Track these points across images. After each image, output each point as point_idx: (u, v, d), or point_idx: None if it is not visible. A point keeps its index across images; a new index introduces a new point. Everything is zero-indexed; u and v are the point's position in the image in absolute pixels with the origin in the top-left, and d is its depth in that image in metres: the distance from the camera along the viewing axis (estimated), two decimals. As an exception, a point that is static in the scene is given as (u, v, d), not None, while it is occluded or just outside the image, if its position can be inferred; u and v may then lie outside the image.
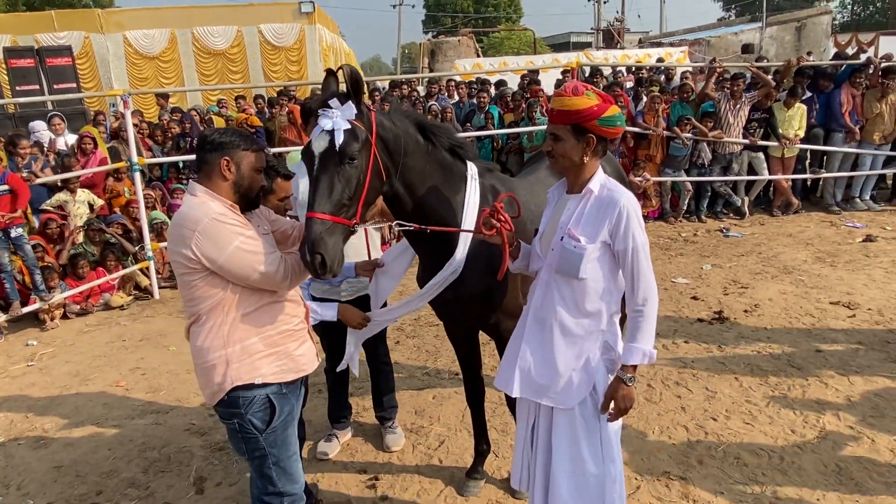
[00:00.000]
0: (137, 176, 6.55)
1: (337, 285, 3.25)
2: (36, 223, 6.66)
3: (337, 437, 3.75)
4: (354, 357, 2.97)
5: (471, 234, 2.57)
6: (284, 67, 16.50)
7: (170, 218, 7.28)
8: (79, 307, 6.33)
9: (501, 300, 2.79)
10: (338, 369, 3.04)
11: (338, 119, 2.14)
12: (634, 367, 2.16)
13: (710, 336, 4.96)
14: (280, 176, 2.81)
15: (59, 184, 6.74)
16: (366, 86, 2.22)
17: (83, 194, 6.98)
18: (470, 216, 2.59)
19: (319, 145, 2.16)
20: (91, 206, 6.95)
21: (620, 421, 2.31)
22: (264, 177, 2.66)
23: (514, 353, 2.35)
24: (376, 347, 3.62)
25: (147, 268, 6.72)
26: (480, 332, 3.16)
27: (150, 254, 6.61)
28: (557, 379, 2.23)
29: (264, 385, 2.24)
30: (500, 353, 3.02)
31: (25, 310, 5.87)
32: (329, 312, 2.83)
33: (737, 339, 4.88)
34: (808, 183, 9.14)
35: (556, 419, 2.27)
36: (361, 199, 2.22)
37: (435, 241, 2.57)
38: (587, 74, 10.72)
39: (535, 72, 11.22)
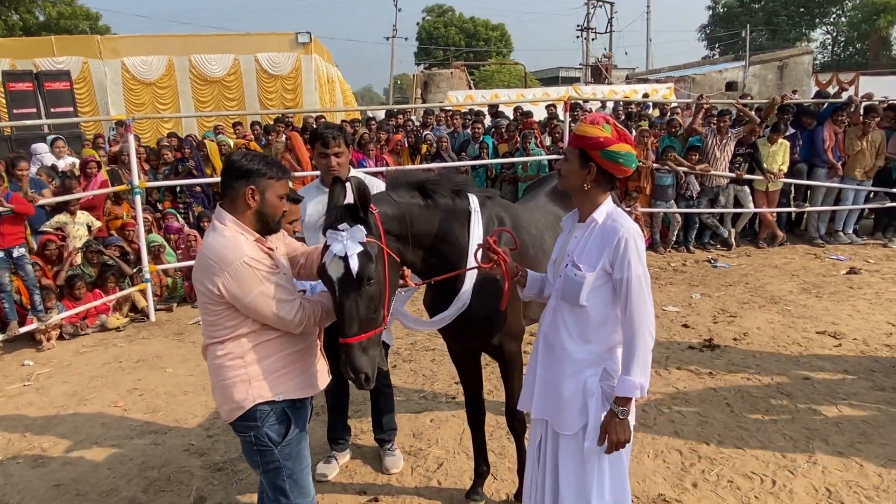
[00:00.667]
0: (138, 199, 6.63)
1: None
2: (34, 244, 6.69)
3: (336, 459, 3.79)
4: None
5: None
6: (280, 95, 16.74)
7: (167, 241, 7.35)
8: (73, 327, 6.33)
9: (504, 323, 2.90)
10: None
11: (349, 242, 2.19)
12: (628, 399, 2.17)
13: (701, 363, 5.08)
14: (289, 200, 2.92)
15: (57, 205, 6.80)
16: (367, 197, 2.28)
17: (83, 216, 7.03)
18: (474, 248, 2.69)
19: (336, 270, 2.22)
20: (89, 228, 7.00)
21: (627, 459, 2.36)
22: None
23: (531, 375, 2.46)
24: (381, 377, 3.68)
25: (144, 290, 6.74)
26: (483, 354, 3.26)
27: (147, 276, 6.65)
28: (560, 403, 2.30)
29: (274, 401, 2.32)
30: (503, 375, 3.11)
31: (23, 330, 5.88)
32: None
33: (727, 366, 4.99)
34: (793, 216, 9.38)
35: (562, 443, 2.34)
36: (386, 303, 2.33)
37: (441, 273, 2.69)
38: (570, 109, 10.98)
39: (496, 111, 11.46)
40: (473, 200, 2.77)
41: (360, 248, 2.20)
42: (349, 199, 2.28)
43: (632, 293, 2.14)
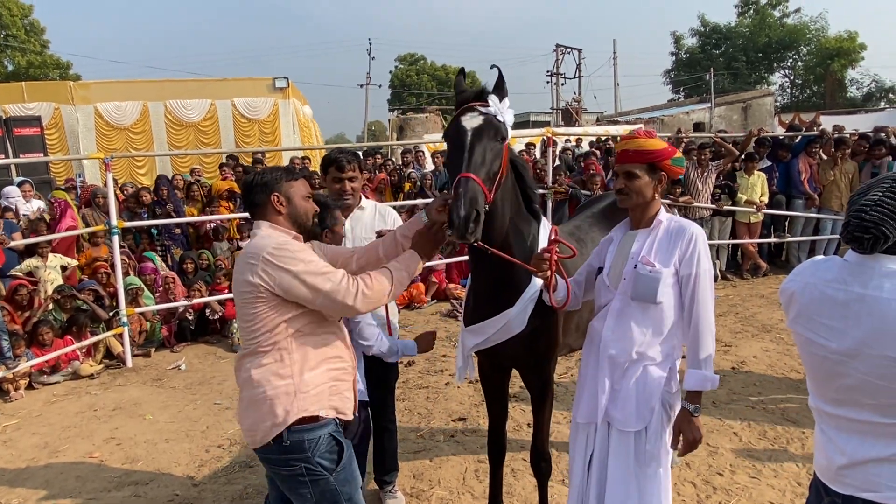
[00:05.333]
0: (116, 240, 6.39)
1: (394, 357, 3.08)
2: (3, 290, 6.38)
3: None
4: (463, 371, 2.90)
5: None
6: (258, 139, 16.66)
7: (145, 284, 7.09)
8: (42, 374, 5.98)
9: (548, 341, 2.76)
10: (458, 381, 3.01)
11: (503, 110, 2.29)
12: (699, 394, 2.22)
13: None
14: (335, 207, 2.90)
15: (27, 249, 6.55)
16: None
17: (54, 259, 6.77)
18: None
19: (473, 123, 2.24)
20: (63, 269, 6.74)
21: (670, 477, 2.39)
22: (321, 212, 2.73)
23: (582, 382, 2.47)
24: (385, 403, 3.48)
25: (121, 334, 6.44)
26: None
27: (124, 320, 6.36)
28: (623, 401, 2.32)
29: (324, 424, 2.20)
30: (534, 406, 2.93)
31: (-11, 379, 5.53)
32: (411, 346, 2.92)
33: (729, 396, 4.89)
34: (773, 247, 9.48)
35: (613, 445, 2.32)
36: (497, 181, 2.27)
37: (500, 271, 2.55)
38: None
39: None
40: (543, 219, 2.79)
41: (509, 117, 2.29)
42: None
43: (699, 289, 2.22)
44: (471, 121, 2.26)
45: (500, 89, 2.34)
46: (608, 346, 2.36)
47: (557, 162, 10.01)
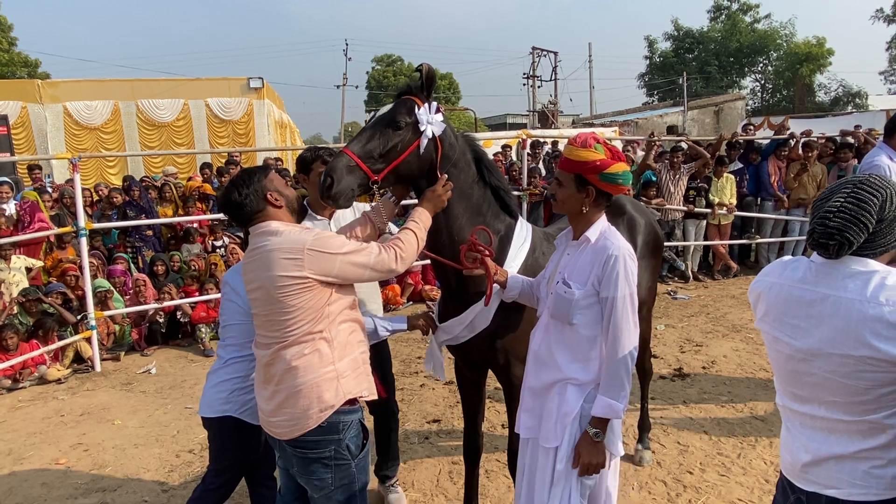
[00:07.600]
0: (83, 241, 6.26)
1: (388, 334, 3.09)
2: (-34, 293, 6.22)
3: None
4: (440, 362, 2.89)
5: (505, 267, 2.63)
6: (231, 140, 16.45)
7: (115, 286, 6.96)
8: (9, 380, 5.84)
9: (512, 341, 2.75)
10: (426, 369, 3.02)
11: (409, 100, 2.42)
12: (605, 421, 2.13)
13: (674, 392, 5.03)
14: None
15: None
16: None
17: (18, 261, 6.61)
18: (518, 257, 2.71)
19: (382, 111, 2.46)
20: (28, 271, 6.59)
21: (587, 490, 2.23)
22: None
23: (524, 396, 2.41)
24: (390, 385, 3.51)
25: (89, 338, 6.31)
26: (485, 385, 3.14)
27: (93, 323, 6.24)
28: (543, 416, 2.27)
29: (357, 409, 2.26)
30: (508, 406, 2.93)
31: (-50, 385, 5.38)
32: (400, 325, 2.88)
33: (700, 395, 4.96)
34: (742, 248, 9.65)
35: (538, 457, 2.27)
36: (393, 163, 2.38)
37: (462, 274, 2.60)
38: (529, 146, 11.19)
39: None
40: (521, 217, 2.82)
41: (411, 105, 2.40)
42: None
43: (616, 313, 2.12)
44: (382, 109, 2.48)
45: (426, 86, 2.49)
46: (534, 359, 2.34)
47: (539, 163, 10.09)
